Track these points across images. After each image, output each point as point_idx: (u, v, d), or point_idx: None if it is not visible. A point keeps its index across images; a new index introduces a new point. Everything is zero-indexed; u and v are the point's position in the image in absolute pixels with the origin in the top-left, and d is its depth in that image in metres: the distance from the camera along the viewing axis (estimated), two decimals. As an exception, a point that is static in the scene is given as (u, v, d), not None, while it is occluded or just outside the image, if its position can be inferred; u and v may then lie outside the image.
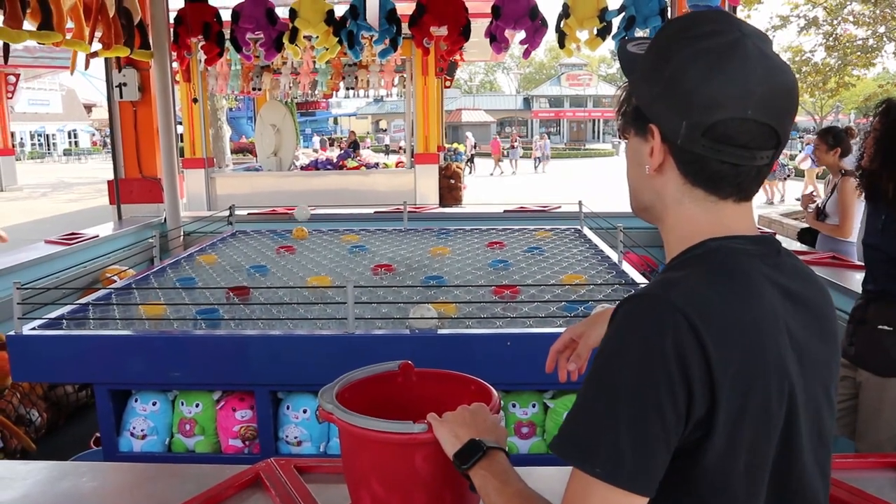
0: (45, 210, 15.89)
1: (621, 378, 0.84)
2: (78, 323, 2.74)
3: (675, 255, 0.99)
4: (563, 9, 4.58)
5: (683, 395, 0.83)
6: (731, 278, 0.91)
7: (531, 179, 24.32)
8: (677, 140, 0.92)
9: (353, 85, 11.37)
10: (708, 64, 0.89)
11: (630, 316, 0.89)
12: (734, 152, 0.90)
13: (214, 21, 4.73)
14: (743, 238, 0.95)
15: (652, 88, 0.95)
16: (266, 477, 1.56)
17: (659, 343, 0.83)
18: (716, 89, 0.88)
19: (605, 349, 0.89)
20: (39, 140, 43.86)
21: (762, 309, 0.90)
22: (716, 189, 0.95)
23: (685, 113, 0.90)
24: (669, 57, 0.92)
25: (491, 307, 2.84)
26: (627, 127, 1.01)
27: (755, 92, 0.88)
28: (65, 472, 1.69)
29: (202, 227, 5.17)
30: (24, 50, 14.72)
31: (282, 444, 2.60)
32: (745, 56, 0.89)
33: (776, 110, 0.90)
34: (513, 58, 55.99)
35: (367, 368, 1.44)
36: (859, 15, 16.98)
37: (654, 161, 0.96)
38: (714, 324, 0.85)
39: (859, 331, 2.64)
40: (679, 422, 0.83)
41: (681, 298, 0.86)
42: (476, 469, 1.07)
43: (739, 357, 0.85)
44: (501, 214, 5.56)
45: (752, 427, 0.86)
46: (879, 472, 1.65)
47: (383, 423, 1.21)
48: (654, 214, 1.03)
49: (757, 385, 0.86)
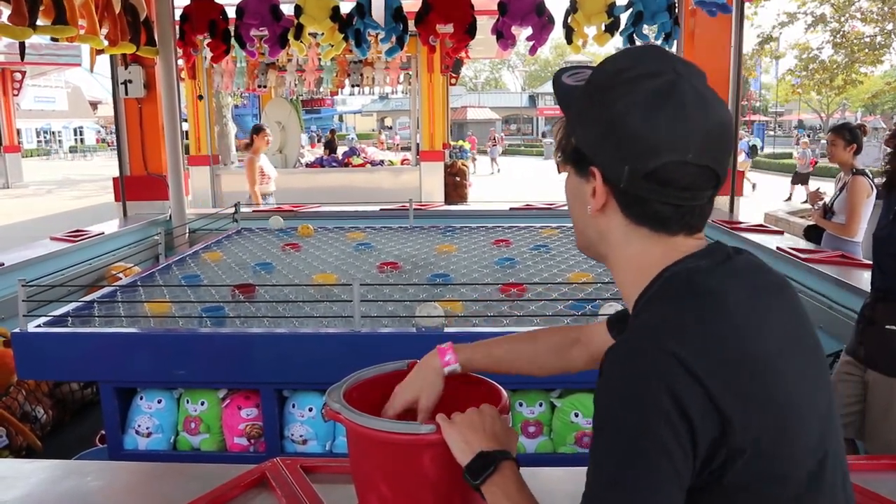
0: (51, 207, 15.93)
1: (625, 435, 0.83)
2: (83, 320, 2.74)
3: (634, 291, 0.98)
4: (571, 5, 4.56)
5: (687, 432, 0.81)
6: (698, 300, 0.90)
7: (536, 176, 24.27)
8: (620, 183, 0.92)
9: (358, 82, 11.37)
10: (647, 108, 0.89)
11: (618, 368, 0.87)
12: (676, 194, 0.91)
13: (220, 18, 4.72)
14: (695, 256, 0.95)
15: (591, 130, 0.95)
16: (272, 477, 1.55)
17: (653, 393, 0.82)
18: (656, 134, 0.88)
19: (602, 403, 0.87)
20: (45, 137, 43.98)
21: (740, 318, 0.89)
22: (662, 227, 0.95)
23: (626, 157, 0.90)
24: (608, 100, 0.92)
25: (497, 305, 2.82)
26: (567, 164, 1.01)
27: (694, 135, 0.89)
28: (69, 471, 1.68)
29: (207, 224, 5.17)
30: (31, 47, 14.74)
31: (287, 442, 2.59)
32: (682, 99, 0.89)
33: (714, 151, 0.91)
34: (518, 55, 55.97)
35: (375, 367, 1.42)
36: (867, 12, 16.91)
37: (596, 202, 0.96)
38: (703, 353, 0.84)
39: (868, 331, 2.61)
40: (688, 459, 0.82)
41: (663, 337, 0.85)
42: (488, 485, 1.05)
43: (738, 371, 0.85)
44: (507, 212, 5.54)
45: (771, 429, 0.86)
46: (892, 473, 1.63)
47: (391, 423, 1.20)
48: (599, 252, 1.03)
49: (763, 389, 0.86)
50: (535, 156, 37.28)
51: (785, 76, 21.95)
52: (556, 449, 2.57)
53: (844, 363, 2.72)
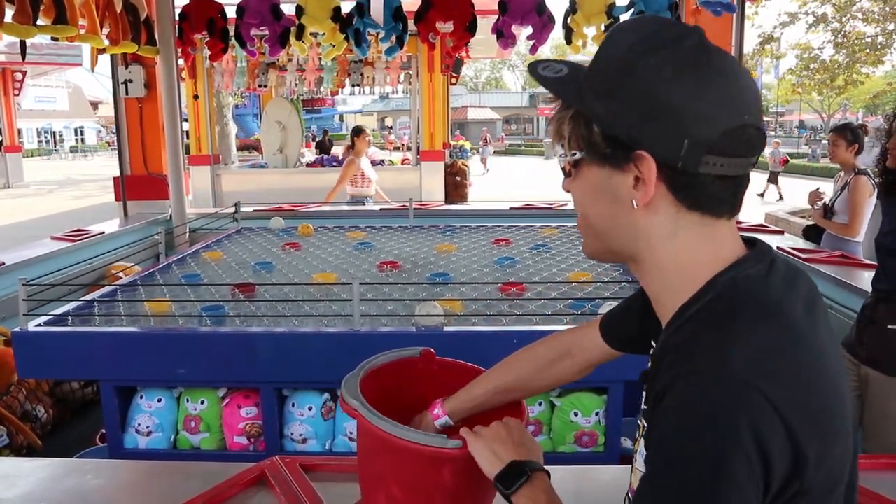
0: (52, 207, 15.94)
1: (699, 475, 0.74)
2: (83, 320, 2.74)
3: (676, 299, 0.88)
4: (571, 5, 4.56)
5: (762, 469, 0.74)
6: (770, 321, 0.80)
7: (537, 175, 24.26)
8: (678, 163, 0.81)
9: (358, 82, 11.37)
10: (691, 72, 0.81)
11: (693, 404, 0.76)
12: (736, 163, 0.83)
13: (219, 17, 4.72)
14: (743, 262, 0.86)
15: (628, 112, 0.83)
16: (271, 475, 1.55)
17: (735, 433, 0.73)
18: (710, 98, 0.80)
19: (668, 437, 0.77)
20: (46, 137, 44.00)
21: (806, 339, 0.81)
22: (714, 209, 0.85)
23: (683, 131, 0.80)
24: (639, 73, 0.82)
25: (497, 305, 2.83)
26: (590, 159, 0.89)
27: (744, 94, 0.82)
28: (69, 469, 1.68)
29: (208, 223, 5.17)
30: (31, 47, 14.74)
31: (287, 441, 2.60)
32: (721, 57, 0.82)
33: (758, 110, 0.85)
34: (519, 55, 55.90)
35: (388, 354, 1.38)
36: (868, 12, 16.91)
37: (646, 191, 0.84)
38: (784, 382, 0.76)
39: (869, 330, 2.62)
40: (758, 497, 0.74)
41: (742, 366, 0.76)
42: (519, 495, 1.02)
43: (812, 401, 0.77)
44: (507, 211, 5.54)
45: (838, 455, 0.80)
46: (891, 472, 1.63)
47: (416, 434, 1.14)
48: (624, 257, 0.93)
49: (829, 420, 0.79)
50: (536, 155, 37.28)
51: (786, 76, 21.96)
52: (556, 448, 2.57)
53: None
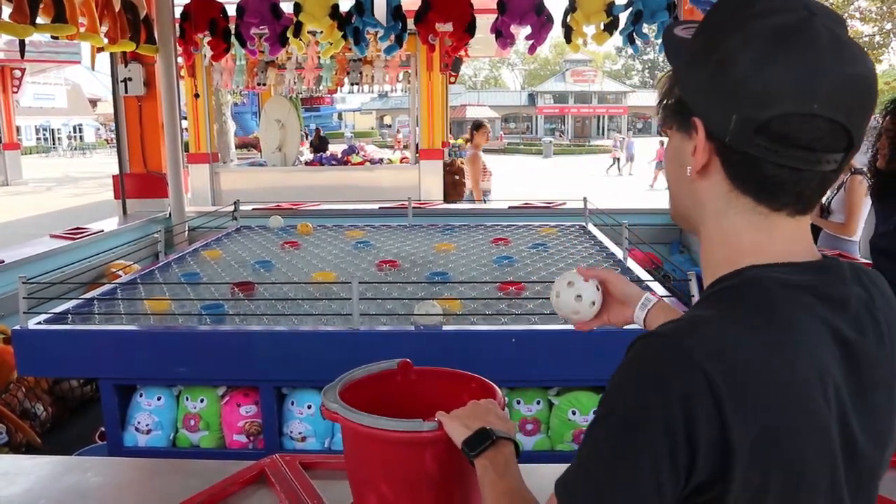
0: (50, 204, 15.92)
1: (622, 427, 0.74)
2: (83, 318, 2.75)
3: (714, 275, 0.85)
4: (570, 3, 4.56)
5: (686, 456, 0.71)
6: (767, 323, 0.76)
7: (536, 176, 24.28)
8: (725, 137, 0.78)
9: (357, 80, 11.36)
10: (766, 47, 0.75)
11: (640, 358, 0.77)
12: (795, 154, 0.76)
13: (221, 17, 4.72)
14: (791, 266, 0.80)
15: (698, 75, 0.81)
16: (271, 473, 1.56)
17: (665, 395, 0.72)
18: (774, 78, 0.74)
19: (612, 390, 0.78)
20: (44, 135, 43.93)
21: (801, 359, 0.75)
22: (769, 198, 0.80)
23: (736, 105, 0.77)
24: (720, 39, 0.78)
25: (496, 304, 2.84)
26: (669, 121, 0.88)
27: (823, 82, 0.74)
28: (69, 466, 1.69)
29: (207, 222, 5.18)
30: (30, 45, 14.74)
31: (286, 439, 2.61)
32: (812, 39, 0.75)
33: (848, 105, 0.76)
34: (518, 54, 55.98)
35: (365, 367, 1.43)
36: (866, 11, 16.92)
37: (697, 161, 0.83)
38: (737, 380, 0.72)
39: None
40: (676, 485, 0.73)
41: (701, 345, 0.73)
42: (481, 458, 1.06)
43: (765, 423, 0.72)
44: (506, 211, 5.55)
45: (779, 499, 0.74)
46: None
47: (392, 421, 1.19)
48: (692, 224, 0.91)
49: (787, 453, 0.73)
50: (535, 154, 37.28)
51: (784, 75, 22.04)
52: (554, 447, 2.58)
53: None
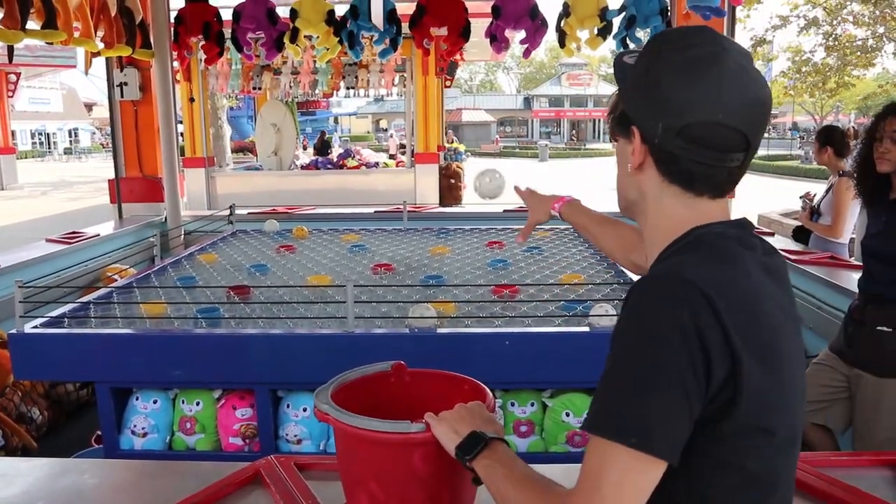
0: (46, 209, 15.90)
1: (644, 354, 0.90)
2: (79, 321, 2.76)
3: (660, 247, 1.06)
4: (564, 8, 4.58)
5: (703, 364, 0.89)
6: (723, 258, 0.98)
7: (532, 177, 24.32)
8: (654, 140, 1.01)
9: (353, 84, 11.37)
10: (686, 72, 0.97)
11: (646, 294, 0.95)
12: (704, 153, 0.98)
13: (215, 21, 4.74)
14: (722, 224, 1.03)
15: (636, 94, 1.04)
16: (266, 474, 1.58)
17: (676, 315, 0.89)
18: (690, 95, 0.97)
19: (626, 328, 0.95)
20: (40, 139, 43.87)
21: (754, 283, 0.97)
22: (690, 186, 1.03)
23: (661, 115, 0.99)
24: (652, 66, 1.01)
25: (490, 306, 2.85)
26: (615, 131, 1.11)
27: (727, 100, 0.96)
28: (66, 468, 1.71)
29: (203, 226, 5.19)
30: (25, 49, 14.76)
31: (282, 442, 2.62)
32: (722, 68, 0.96)
33: (747, 118, 0.98)
34: (513, 57, 56.04)
35: (360, 369, 1.45)
36: (859, 15, 16.98)
37: (635, 159, 1.05)
38: (724, 295, 0.91)
39: (858, 332, 2.65)
40: (700, 389, 0.89)
41: (691, 273, 0.93)
42: (480, 460, 1.08)
43: (752, 325, 0.92)
44: (501, 214, 5.57)
45: (772, 385, 0.93)
46: (874, 469, 1.67)
47: (381, 423, 1.21)
48: (636, 211, 1.12)
49: (769, 348, 0.94)
50: (531, 157, 37.33)
51: (777, 78, 22.04)
52: (548, 448, 2.60)
53: (826, 356, 2.77)
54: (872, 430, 2.61)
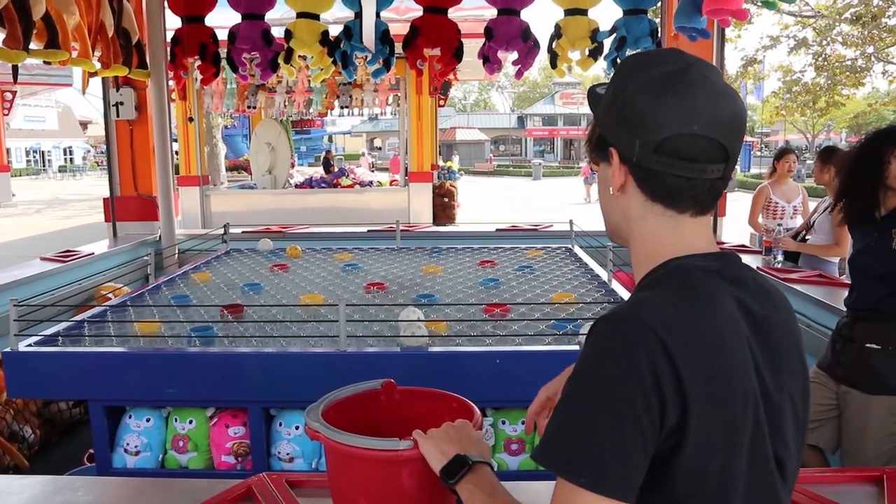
0: (40, 226, 15.89)
1: (600, 392, 0.90)
2: (73, 340, 2.77)
3: (642, 274, 1.06)
4: (555, 30, 4.64)
5: (657, 405, 0.88)
6: (694, 296, 0.96)
7: (526, 197, 24.39)
8: (633, 158, 1.00)
9: (347, 103, 11.48)
10: (656, 89, 0.98)
11: (605, 334, 0.94)
12: (684, 165, 0.98)
13: (211, 41, 4.78)
14: (703, 255, 1.02)
15: (611, 116, 1.04)
16: (258, 491, 1.59)
17: (633, 359, 0.89)
18: (663, 110, 0.97)
19: (583, 365, 0.94)
20: (35, 156, 43.84)
21: (724, 323, 0.95)
22: (673, 203, 1.02)
23: (637, 133, 0.99)
24: (623, 88, 1.02)
25: (481, 325, 2.88)
26: (594, 156, 1.10)
27: (700, 111, 0.97)
28: (60, 486, 1.72)
29: (197, 244, 5.21)
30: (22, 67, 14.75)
31: (274, 460, 2.63)
32: (690, 81, 0.98)
33: (723, 128, 0.98)
34: (507, 77, 56.33)
35: (350, 387, 1.47)
36: (848, 35, 17.20)
37: (615, 181, 1.04)
38: (681, 340, 0.90)
39: (847, 349, 2.68)
40: (654, 430, 0.88)
41: (651, 317, 0.92)
42: (463, 483, 1.11)
43: (706, 370, 0.91)
44: (494, 233, 5.61)
45: (721, 434, 0.92)
46: (857, 485, 1.69)
47: (369, 440, 1.24)
48: (623, 235, 1.11)
49: (723, 395, 0.92)
50: (524, 176, 37.46)
51: (769, 98, 22.25)
52: (538, 466, 2.61)
53: (815, 373, 2.79)
54: (860, 446, 2.63)
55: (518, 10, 4.55)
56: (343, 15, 5.06)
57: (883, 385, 2.58)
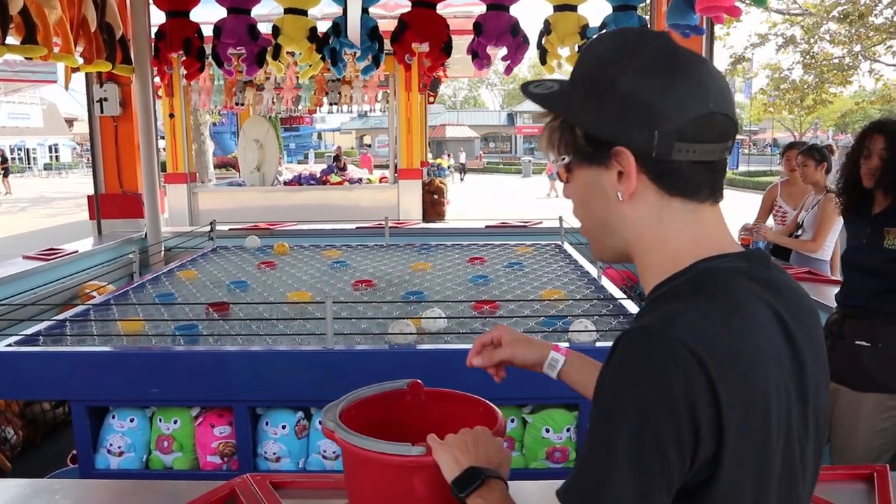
0: (25, 225, 15.75)
1: (626, 423, 0.80)
2: (54, 339, 2.72)
3: (659, 278, 0.94)
4: (545, 26, 4.62)
5: (690, 440, 0.79)
6: (728, 307, 0.86)
7: (515, 193, 24.40)
8: (652, 153, 0.89)
9: (336, 100, 11.42)
10: (657, 71, 0.89)
11: (633, 354, 0.83)
12: (707, 148, 0.90)
13: (195, 36, 4.73)
14: (728, 256, 0.92)
15: (603, 112, 0.91)
16: (241, 493, 1.56)
17: (667, 385, 0.78)
18: (676, 93, 0.88)
19: (608, 390, 0.84)
20: (19, 154, 43.50)
21: (762, 338, 0.86)
22: (694, 193, 0.92)
23: (653, 124, 0.88)
24: (612, 76, 0.90)
25: (470, 322, 2.85)
26: (577, 161, 0.97)
27: (708, 87, 0.89)
28: (39, 489, 1.68)
29: (183, 242, 5.16)
30: (5, 63, 14.61)
31: (260, 460, 2.59)
32: (686, 58, 0.90)
33: (727, 100, 0.91)
34: (497, 74, 56.34)
35: (375, 386, 1.45)
36: (835, 34, 17.30)
37: (629, 183, 0.92)
38: (723, 361, 0.80)
39: (836, 346, 2.67)
40: (683, 467, 0.80)
41: (687, 334, 0.81)
42: (473, 498, 1.06)
43: (745, 396, 0.81)
44: (483, 230, 5.58)
45: (756, 464, 0.84)
46: (849, 483, 1.67)
47: (381, 444, 1.21)
48: (625, 251, 0.99)
49: (760, 422, 0.83)
50: (514, 174, 37.51)
51: (757, 95, 22.36)
52: (528, 464, 2.59)
53: None
54: (850, 444, 2.63)
55: (507, 5, 4.53)
56: (332, 11, 5.02)
57: (872, 382, 2.58)
